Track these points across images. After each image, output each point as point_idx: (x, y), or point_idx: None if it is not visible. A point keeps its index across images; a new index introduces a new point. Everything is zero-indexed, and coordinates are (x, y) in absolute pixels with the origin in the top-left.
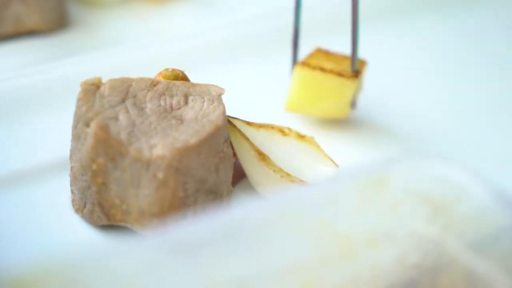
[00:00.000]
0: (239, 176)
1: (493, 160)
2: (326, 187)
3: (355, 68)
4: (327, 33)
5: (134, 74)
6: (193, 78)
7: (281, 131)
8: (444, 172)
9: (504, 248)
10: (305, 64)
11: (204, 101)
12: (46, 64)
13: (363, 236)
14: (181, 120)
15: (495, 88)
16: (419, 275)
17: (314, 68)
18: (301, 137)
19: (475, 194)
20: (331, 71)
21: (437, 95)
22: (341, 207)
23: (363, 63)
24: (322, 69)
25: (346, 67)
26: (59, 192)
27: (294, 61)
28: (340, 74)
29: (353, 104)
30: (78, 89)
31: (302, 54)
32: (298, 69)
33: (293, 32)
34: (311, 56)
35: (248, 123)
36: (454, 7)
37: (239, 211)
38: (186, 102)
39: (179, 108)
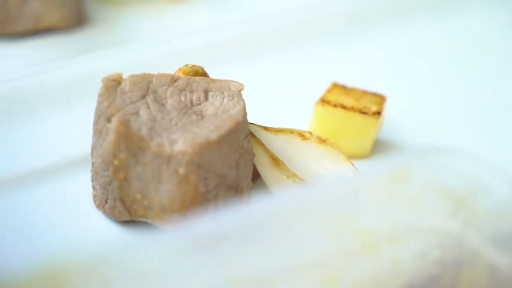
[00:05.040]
0: (259, 172)
1: None
2: (348, 182)
3: None
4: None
5: (153, 70)
6: (212, 74)
7: (301, 135)
8: (466, 167)
9: None
10: (325, 101)
11: (224, 96)
12: (67, 60)
13: (385, 231)
14: (201, 115)
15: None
16: (441, 270)
17: (335, 105)
18: (322, 141)
19: (498, 189)
20: (352, 109)
21: (448, 92)
22: (363, 202)
23: (382, 98)
24: (344, 107)
25: (366, 103)
26: (80, 188)
27: None
28: (363, 112)
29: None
30: (99, 85)
31: (317, 87)
32: (319, 107)
33: None
34: (329, 91)
35: (266, 128)
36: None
37: (260, 206)
38: (206, 98)
39: (199, 104)
